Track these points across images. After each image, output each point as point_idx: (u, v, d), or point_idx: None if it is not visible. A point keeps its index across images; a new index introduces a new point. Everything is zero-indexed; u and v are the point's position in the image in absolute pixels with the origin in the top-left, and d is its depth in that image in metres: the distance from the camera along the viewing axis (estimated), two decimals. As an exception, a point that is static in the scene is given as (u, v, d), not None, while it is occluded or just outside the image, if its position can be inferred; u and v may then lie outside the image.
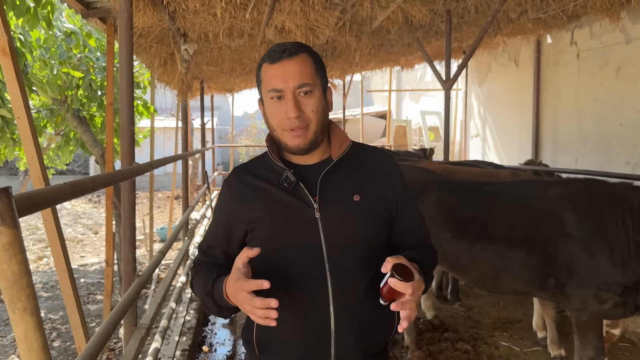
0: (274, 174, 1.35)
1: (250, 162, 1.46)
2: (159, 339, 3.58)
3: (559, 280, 2.85)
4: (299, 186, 1.32)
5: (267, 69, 1.31)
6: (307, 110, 1.29)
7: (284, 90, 1.28)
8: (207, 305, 1.32)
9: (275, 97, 1.30)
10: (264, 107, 1.36)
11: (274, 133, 1.35)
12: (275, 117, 1.31)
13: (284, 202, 1.32)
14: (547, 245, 2.86)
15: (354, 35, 5.45)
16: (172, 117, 12.33)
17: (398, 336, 4.19)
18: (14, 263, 1.06)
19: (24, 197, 1.22)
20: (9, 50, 2.22)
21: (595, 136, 6.15)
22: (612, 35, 5.81)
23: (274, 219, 1.31)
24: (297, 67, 1.28)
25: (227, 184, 1.41)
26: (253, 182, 1.37)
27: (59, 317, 6.01)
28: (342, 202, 1.33)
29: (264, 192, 1.34)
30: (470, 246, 3.08)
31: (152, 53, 5.27)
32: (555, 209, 2.91)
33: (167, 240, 3.78)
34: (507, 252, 2.98)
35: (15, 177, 17.83)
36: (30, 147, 2.33)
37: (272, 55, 1.30)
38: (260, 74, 1.34)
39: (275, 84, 1.29)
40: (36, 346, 1.09)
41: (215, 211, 1.46)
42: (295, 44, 1.33)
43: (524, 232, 2.95)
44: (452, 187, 3.41)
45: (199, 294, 1.34)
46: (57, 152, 7.28)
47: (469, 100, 9.70)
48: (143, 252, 8.84)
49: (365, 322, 1.33)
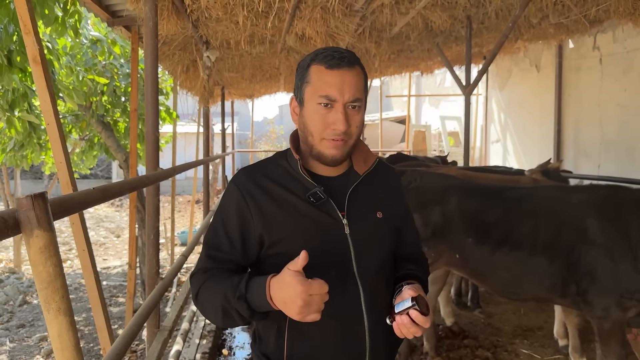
0: (296, 182, 1.28)
1: (262, 165, 1.35)
2: (180, 342, 3.64)
3: (580, 287, 2.82)
4: (328, 202, 1.27)
5: (322, 72, 1.23)
6: (353, 125, 1.25)
7: (337, 100, 1.21)
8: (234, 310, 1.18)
9: (324, 104, 1.22)
10: (303, 108, 1.27)
11: (308, 138, 1.27)
12: (319, 124, 1.23)
13: (313, 217, 1.25)
14: (570, 251, 2.83)
15: (373, 41, 5.48)
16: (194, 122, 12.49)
17: (417, 342, 4.18)
18: (49, 265, 1.10)
19: (57, 202, 1.27)
20: (39, 59, 2.29)
21: (618, 142, 6.06)
22: (635, 39, 5.73)
23: (305, 235, 1.24)
24: (354, 80, 1.23)
25: (237, 186, 1.29)
26: (272, 189, 1.28)
27: (82, 318, 6.13)
28: (367, 219, 1.31)
29: (289, 204, 1.26)
30: (492, 251, 3.06)
31: (175, 60, 5.37)
32: (578, 215, 2.89)
33: (189, 244, 3.84)
34: (529, 257, 2.95)
35: (40, 180, 18.19)
36: (59, 152, 2.40)
37: (330, 60, 1.22)
38: (310, 75, 1.25)
39: (329, 91, 1.21)
40: (69, 345, 1.13)
41: (222, 214, 1.31)
42: (351, 53, 1.26)
43: (546, 238, 2.93)
44: (474, 192, 3.39)
45: (219, 301, 1.19)
46: (82, 156, 7.44)
47: (490, 105, 9.63)
48: (164, 255, 8.96)
49: (391, 336, 1.29)
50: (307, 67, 1.26)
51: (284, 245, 1.24)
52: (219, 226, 1.30)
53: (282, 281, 1.10)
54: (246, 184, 1.28)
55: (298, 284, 1.06)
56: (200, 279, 1.26)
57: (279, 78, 7.87)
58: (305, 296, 1.06)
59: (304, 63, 1.27)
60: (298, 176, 1.28)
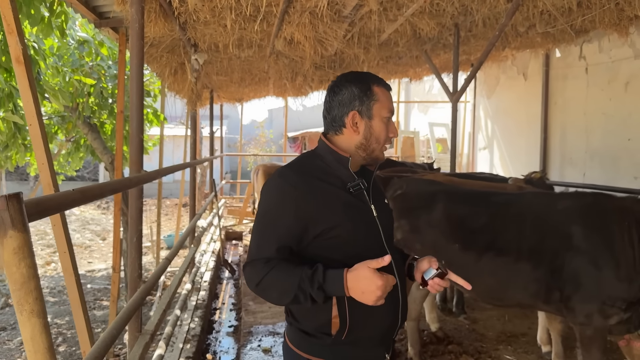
0: (334, 177, 1.56)
1: (303, 164, 1.60)
2: (163, 346, 3.61)
3: (564, 293, 2.84)
4: (362, 193, 1.58)
5: (385, 93, 1.59)
6: None
7: (391, 114, 1.61)
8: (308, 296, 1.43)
9: (387, 118, 1.58)
10: (372, 122, 1.58)
11: (373, 145, 1.59)
12: (382, 134, 1.58)
13: (355, 205, 1.55)
14: (554, 258, 2.85)
15: (362, 47, 5.50)
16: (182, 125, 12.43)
17: (402, 347, 4.18)
18: (22, 266, 1.09)
19: (33, 203, 1.26)
20: (23, 59, 2.27)
21: (603, 151, 6.13)
22: (620, 50, 5.81)
23: (353, 220, 1.52)
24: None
25: (288, 183, 1.51)
26: (314, 182, 1.53)
27: (65, 322, 6.05)
28: (384, 204, 1.68)
29: (334, 195, 1.53)
30: (478, 257, 3.07)
31: (163, 62, 5.35)
32: (563, 221, 2.91)
33: (173, 247, 3.81)
34: (514, 263, 2.97)
35: (26, 182, 17.99)
36: (41, 153, 2.38)
37: (385, 84, 1.61)
38: (376, 94, 1.57)
39: (392, 108, 1.60)
40: (42, 348, 1.11)
41: (276, 207, 1.53)
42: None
43: (531, 244, 2.94)
44: (460, 197, 3.41)
45: (291, 288, 1.43)
46: (68, 158, 7.36)
47: (477, 112, 9.70)
48: (150, 259, 8.89)
49: (406, 294, 1.68)
50: (371, 88, 1.57)
51: (338, 232, 1.50)
52: (278, 220, 1.51)
53: (361, 276, 1.40)
54: (296, 180, 1.52)
55: (379, 279, 1.38)
56: (263, 268, 1.48)
57: (268, 82, 7.87)
58: (384, 288, 1.39)
59: (365, 84, 1.57)
60: (336, 172, 1.57)
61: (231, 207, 12.87)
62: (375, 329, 1.58)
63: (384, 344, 1.66)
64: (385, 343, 1.66)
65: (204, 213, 8.32)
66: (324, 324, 1.53)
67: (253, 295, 5.83)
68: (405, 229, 3.42)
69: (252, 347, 4.39)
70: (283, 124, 15.12)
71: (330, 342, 1.55)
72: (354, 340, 1.56)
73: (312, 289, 1.42)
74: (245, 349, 4.36)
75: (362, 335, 1.57)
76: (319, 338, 1.56)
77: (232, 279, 7.68)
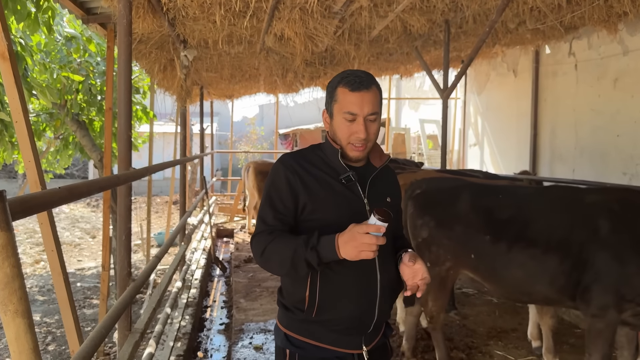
0: (331, 169, 1.66)
1: (302, 153, 1.73)
2: (153, 344, 3.59)
3: (582, 284, 2.82)
4: (355, 185, 1.65)
5: (346, 94, 1.60)
6: (371, 133, 1.62)
7: (358, 115, 1.59)
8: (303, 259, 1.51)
9: (348, 119, 1.60)
10: (332, 120, 1.66)
11: (338, 142, 1.65)
12: (345, 133, 1.62)
13: (345, 194, 1.64)
14: (580, 251, 2.83)
15: (352, 43, 5.49)
16: (172, 122, 12.36)
17: (394, 343, 4.18)
18: (6, 265, 1.07)
19: (18, 201, 1.23)
20: (8, 55, 2.24)
21: (592, 147, 6.17)
22: (609, 46, 5.84)
23: (338, 207, 1.61)
24: (370, 98, 1.60)
25: (286, 167, 1.65)
26: (312, 171, 1.65)
27: (54, 320, 6.01)
28: (381, 200, 1.70)
29: (326, 182, 1.64)
30: (508, 248, 3.03)
31: (152, 59, 5.30)
32: (591, 215, 2.89)
33: (163, 245, 3.79)
34: (542, 255, 2.92)
35: (14, 180, 17.83)
36: (28, 151, 2.35)
37: (352, 83, 1.59)
38: (336, 94, 1.63)
39: (352, 108, 1.59)
40: (27, 348, 1.09)
41: (276, 187, 1.65)
42: (369, 76, 1.63)
43: (558, 237, 2.92)
44: (487, 191, 3.41)
45: (288, 255, 1.53)
46: (57, 156, 7.29)
47: (468, 109, 9.73)
48: (140, 257, 8.85)
49: (394, 287, 1.73)
50: (335, 89, 1.63)
51: (322, 213, 1.62)
52: (275, 195, 1.65)
53: (347, 231, 1.47)
54: (291, 163, 1.66)
55: (357, 225, 1.45)
56: (266, 239, 1.59)
57: (259, 79, 7.84)
58: (363, 231, 1.43)
59: (333, 84, 1.65)
60: (332, 163, 1.67)
61: (222, 205, 12.83)
62: (344, 311, 1.63)
63: (359, 333, 1.69)
64: (361, 333, 1.69)
65: (194, 211, 8.28)
66: (300, 299, 1.65)
67: (244, 293, 5.82)
68: (430, 225, 3.40)
69: (243, 345, 4.37)
70: (274, 121, 15.07)
71: (303, 317, 1.66)
72: (324, 320, 1.65)
73: (306, 251, 1.50)
74: (237, 347, 4.35)
75: (332, 317, 1.64)
76: (294, 313, 1.68)
77: (223, 277, 7.66)
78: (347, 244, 1.46)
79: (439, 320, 3.60)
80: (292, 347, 1.70)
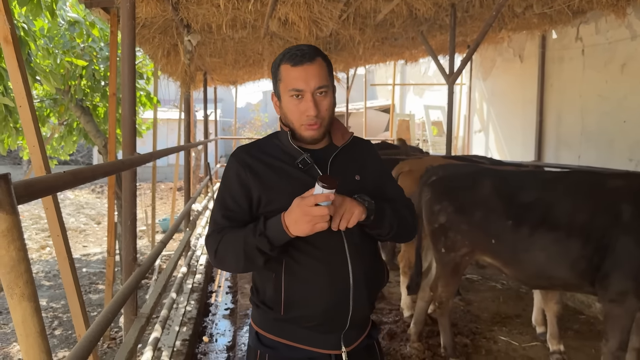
0: (287, 155, 1.55)
1: (257, 143, 1.64)
2: (159, 329, 3.61)
3: (602, 269, 2.80)
4: (313, 167, 1.53)
5: (289, 70, 1.49)
6: (322, 108, 1.50)
7: (305, 90, 1.47)
8: (254, 247, 1.41)
9: (295, 96, 1.49)
10: (280, 102, 1.56)
11: (290, 125, 1.54)
12: (294, 113, 1.51)
13: (302, 180, 1.49)
14: (602, 236, 2.81)
15: (357, 28, 5.43)
16: (175, 108, 12.33)
17: (397, 329, 4.20)
18: (12, 249, 1.06)
19: (22, 185, 1.23)
20: (11, 38, 2.22)
21: (598, 133, 6.12)
22: (617, 31, 5.77)
23: (295, 194, 1.43)
24: (316, 71, 1.48)
25: (237, 161, 1.56)
26: (267, 160, 1.55)
27: (60, 305, 6.05)
28: (347, 181, 1.54)
29: (281, 170, 1.53)
30: (529, 232, 3.02)
31: (156, 44, 5.26)
32: (613, 200, 2.87)
33: (168, 231, 3.79)
34: (565, 240, 2.91)
35: (19, 166, 17.89)
36: (32, 135, 2.34)
37: (294, 58, 1.48)
38: (280, 73, 1.52)
39: (297, 84, 1.48)
40: (34, 331, 1.09)
41: (226, 183, 1.57)
42: (312, 48, 1.52)
43: (580, 222, 2.90)
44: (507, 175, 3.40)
45: (240, 247, 1.44)
46: (61, 142, 7.29)
47: (473, 95, 9.66)
48: (145, 242, 8.88)
49: (372, 277, 1.59)
50: (278, 67, 1.52)
51: (278, 203, 1.47)
52: (225, 193, 1.56)
53: (290, 207, 1.38)
54: (242, 156, 1.57)
55: (303, 198, 1.35)
56: (217, 237, 1.51)
57: (263, 64, 7.78)
58: (311, 204, 1.33)
59: (275, 64, 1.54)
60: (288, 149, 1.55)
61: (226, 191, 12.81)
62: (313, 307, 1.51)
63: (334, 331, 1.56)
64: (337, 330, 1.56)
65: (199, 197, 8.29)
66: (268, 297, 1.55)
67: (249, 278, 5.83)
68: (449, 210, 3.39)
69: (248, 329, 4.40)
70: (278, 107, 15.00)
71: (272, 316, 1.55)
72: (294, 317, 1.53)
73: (255, 239, 1.41)
74: (242, 331, 4.38)
75: (301, 314, 1.52)
76: (264, 311, 1.58)
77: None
78: (298, 222, 1.35)
79: (448, 306, 3.60)
80: (262, 347, 1.60)
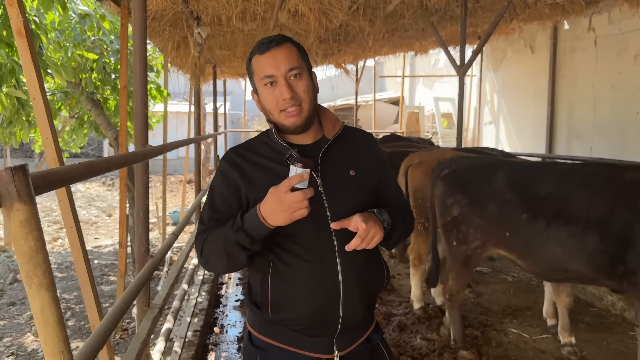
0: (276, 152, 1.50)
1: (247, 143, 1.59)
2: (171, 320, 3.64)
3: (628, 266, 2.75)
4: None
5: (258, 59, 1.47)
6: (299, 90, 1.45)
7: (276, 75, 1.43)
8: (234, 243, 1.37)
9: (269, 83, 1.45)
10: (259, 96, 1.52)
11: (271, 117, 1.50)
12: (271, 102, 1.47)
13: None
14: (621, 230, 2.77)
15: (367, 19, 5.41)
16: (185, 101, 12.36)
17: (407, 321, 4.20)
18: (30, 239, 1.08)
19: (40, 176, 1.24)
20: (24, 31, 2.23)
21: (610, 124, 6.06)
22: (631, 21, 5.69)
23: None
24: (285, 54, 1.45)
25: (226, 161, 1.53)
26: (254, 159, 1.51)
27: (73, 297, 6.12)
28: (341, 177, 1.51)
29: (269, 169, 1.48)
30: (545, 225, 2.99)
31: (165, 36, 5.27)
32: (632, 193, 2.83)
33: (180, 223, 3.82)
34: (581, 233, 2.87)
35: (31, 159, 18.02)
36: (46, 128, 2.35)
37: (261, 47, 1.46)
38: (252, 66, 1.50)
39: (267, 70, 1.44)
40: (52, 320, 1.11)
41: (216, 184, 1.54)
42: (280, 35, 1.49)
43: (596, 215, 2.86)
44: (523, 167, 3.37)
45: (221, 244, 1.41)
46: (72, 135, 7.34)
47: (484, 86, 9.59)
48: (156, 235, 8.94)
49: (366, 279, 1.52)
50: (250, 61, 1.50)
51: None
52: (214, 193, 1.53)
53: (265, 197, 1.33)
54: (231, 156, 1.53)
55: (277, 186, 1.30)
56: (201, 238, 1.48)
57: (272, 57, 7.77)
58: (286, 190, 1.27)
59: (248, 59, 1.51)
60: (277, 146, 1.50)
61: (236, 183, 12.85)
62: (301, 309, 1.46)
63: (325, 335, 1.50)
64: (328, 334, 1.50)
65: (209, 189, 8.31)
66: (259, 297, 1.51)
67: (259, 270, 5.86)
68: (462, 203, 3.37)
69: (258, 321, 4.43)
70: (287, 99, 14.97)
71: (263, 317, 1.52)
72: (282, 320, 1.49)
73: (234, 234, 1.37)
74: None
75: (289, 316, 1.48)
76: (254, 312, 1.55)
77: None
78: (275, 212, 1.31)
79: (458, 299, 3.60)
80: (253, 348, 1.56)
